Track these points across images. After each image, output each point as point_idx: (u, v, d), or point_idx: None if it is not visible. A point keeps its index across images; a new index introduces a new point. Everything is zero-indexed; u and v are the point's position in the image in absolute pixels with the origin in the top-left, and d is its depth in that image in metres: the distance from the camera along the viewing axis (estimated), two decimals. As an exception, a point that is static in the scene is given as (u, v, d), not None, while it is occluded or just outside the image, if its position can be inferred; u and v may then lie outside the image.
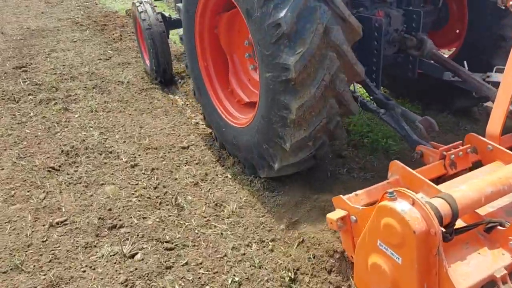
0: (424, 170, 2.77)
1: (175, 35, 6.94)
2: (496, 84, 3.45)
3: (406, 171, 2.64)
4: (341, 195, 2.50)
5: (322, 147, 3.20)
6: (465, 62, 3.94)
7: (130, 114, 5.11)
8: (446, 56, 4.29)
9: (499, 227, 2.16)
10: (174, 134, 4.66)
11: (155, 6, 5.76)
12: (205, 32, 3.97)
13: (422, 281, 1.96)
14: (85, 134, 4.65)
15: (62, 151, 4.33)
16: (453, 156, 2.82)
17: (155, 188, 3.76)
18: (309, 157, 3.22)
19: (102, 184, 3.83)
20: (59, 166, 4.10)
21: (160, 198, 3.62)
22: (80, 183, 3.85)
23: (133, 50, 7.07)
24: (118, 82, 5.96)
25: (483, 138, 2.90)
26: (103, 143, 4.48)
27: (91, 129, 4.77)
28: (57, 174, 3.99)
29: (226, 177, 3.88)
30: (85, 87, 5.81)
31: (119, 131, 4.74)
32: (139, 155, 4.27)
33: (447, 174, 2.85)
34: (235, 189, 3.71)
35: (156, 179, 3.87)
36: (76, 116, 5.07)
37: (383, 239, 2.05)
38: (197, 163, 4.11)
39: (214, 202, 3.56)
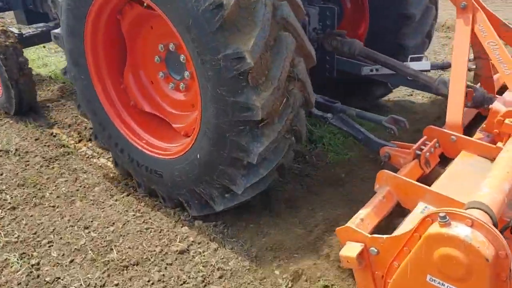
0: (405, 175, 2.53)
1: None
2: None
3: (399, 180, 2.37)
4: (348, 224, 2.10)
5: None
6: None
7: (53, 207, 3.23)
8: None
9: (523, 226, 1.99)
10: (151, 229, 2.96)
11: (-2, 21, 4.59)
12: (103, 62, 3.22)
13: (492, 312, 1.67)
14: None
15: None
16: (428, 154, 2.65)
17: None
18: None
19: None
20: None
21: None
22: None
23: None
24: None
25: (445, 130, 2.79)
26: (37, 275, 2.60)
27: (0, 251, 2.82)
28: None
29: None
30: None
31: (52, 243, 2.86)
32: (116, 284, 2.55)
33: (424, 174, 2.67)
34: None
35: None
36: (-42, 229, 3.00)
37: (437, 273, 1.71)
38: (222, 277, 2.58)
39: None
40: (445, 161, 2.82)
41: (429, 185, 2.53)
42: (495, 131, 2.69)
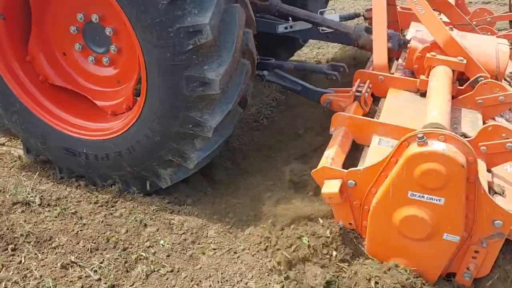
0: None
1: None
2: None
3: (355, 119, 2.55)
4: (325, 165, 2.22)
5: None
6: None
7: (173, 271, 2.30)
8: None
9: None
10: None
11: None
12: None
13: (465, 212, 1.94)
14: None
15: None
16: (366, 94, 2.87)
17: None
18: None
19: None
20: None
21: None
22: None
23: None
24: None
25: (373, 71, 3.05)
26: None
27: None
28: None
29: None
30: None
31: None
32: None
33: (364, 113, 2.90)
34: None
35: None
36: None
37: (417, 188, 1.92)
38: None
39: None
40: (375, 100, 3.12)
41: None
42: (415, 66, 3.02)
